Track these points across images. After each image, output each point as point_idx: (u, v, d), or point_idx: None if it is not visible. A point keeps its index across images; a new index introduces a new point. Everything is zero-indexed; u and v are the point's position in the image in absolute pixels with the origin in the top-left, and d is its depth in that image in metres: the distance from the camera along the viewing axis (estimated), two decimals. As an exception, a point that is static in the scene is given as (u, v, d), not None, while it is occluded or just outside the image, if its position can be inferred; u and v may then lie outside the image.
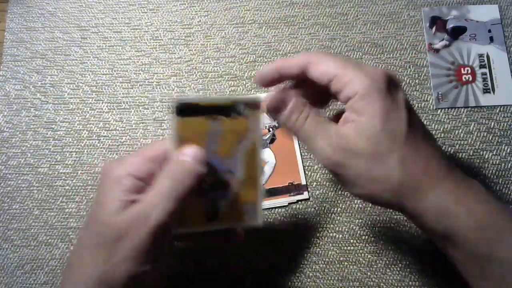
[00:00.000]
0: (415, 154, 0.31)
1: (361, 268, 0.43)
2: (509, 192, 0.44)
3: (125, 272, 0.29)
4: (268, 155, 0.45)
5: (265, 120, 0.45)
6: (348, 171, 0.31)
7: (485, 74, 0.48)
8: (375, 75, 0.31)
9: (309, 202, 0.44)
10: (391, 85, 0.31)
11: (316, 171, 0.45)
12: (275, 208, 0.44)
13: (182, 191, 0.31)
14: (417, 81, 0.48)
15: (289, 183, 0.44)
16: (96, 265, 0.29)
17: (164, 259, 0.32)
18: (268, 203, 0.44)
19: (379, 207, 0.44)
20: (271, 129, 0.46)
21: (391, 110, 0.30)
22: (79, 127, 0.48)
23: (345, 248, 0.43)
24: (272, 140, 0.46)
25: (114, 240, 0.29)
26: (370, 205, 0.44)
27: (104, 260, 0.29)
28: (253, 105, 0.34)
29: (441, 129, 0.46)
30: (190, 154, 0.32)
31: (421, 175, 0.30)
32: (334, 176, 0.33)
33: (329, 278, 0.42)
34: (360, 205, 0.44)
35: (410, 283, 0.42)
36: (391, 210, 0.44)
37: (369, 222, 0.44)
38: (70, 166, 0.46)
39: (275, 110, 0.33)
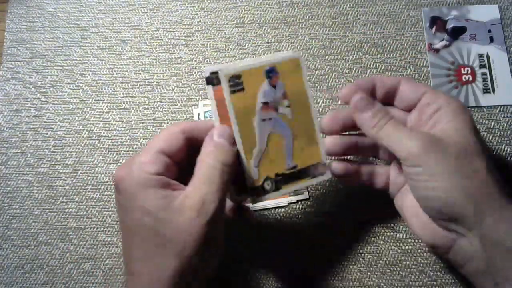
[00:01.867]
0: (493, 169, 0.33)
1: (361, 268, 0.43)
2: (509, 192, 0.44)
3: (197, 262, 0.30)
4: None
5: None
6: (433, 159, 0.32)
7: (485, 74, 0.48)
8: (456, 98, 0.38)
9: (309, 202, 0.44)
10: (466, 111, 0.35)
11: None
12: (275, 208, 0.44)
13: (229, 173, 0.32)
14: (417, 81, 0.48)
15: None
16: (170, 263, 0.29)
17: (221, 240, 0.33)
18: (268, 203, 0.44)
19: (380, 207, 0.44)
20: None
21: (475, 125, 0.34)
22: (79, 127, 0.48)
23: (346, 248, 0.43)
24: None
25: (181, 237, 0.30)
26: (370, 205, 0.44)
27: (176, 255, 0.29)
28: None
29: (441, 129, 0.46)
30: (222, 135, 0.33)
31: (496, 193, 0.32)
32: (409, 172, 0.34)
33: (329, 278, 0.42)
34: (360, 205, 0.44)
35: (410, 283, 0.42)
36: (391, 211, 0.44)
37: (369, 222, 0.44)
38: (70, 166, 0.46)
39: (360, 108, 0.36)
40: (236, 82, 0.33)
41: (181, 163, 0.33)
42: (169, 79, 0.49)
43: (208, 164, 0.32)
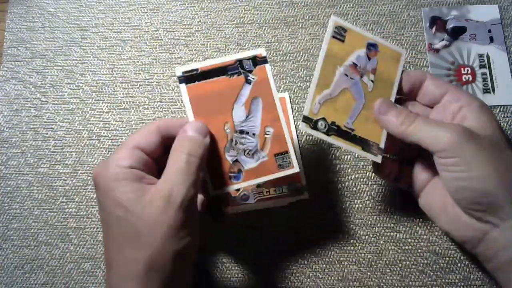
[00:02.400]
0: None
1: (361, 268, 0.43)
2: (509, 192, 0.44)
3: (170, 251, 0.30)
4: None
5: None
6: (468, 150, 0.33)
7: (485, 74, 0.48)
8: (478, 98, 0.37)
9: (309, 202, 0.44)
10: (488, 107, 0.37)
11: (316, 171, 0.45)
12: (275, 207, 0.44)
13: (197, 163, 0.32)
14: (417, 81, 0.48)
15: (289, 183, 0.44)
16: (142, 255, 0.30)
17: (197, 227, 0.33)
18: (268, 203, 0.44)
19: (380, 207, 0.44)
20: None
21: (498, 122, 0.36)
22: (79, 127, 0.48)
23: (345, 248, 0.43)
24: None
25: (150, 228, 0.30)
26: (370, 205, 0.44)
27: (147, 247, 0.30)
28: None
29: (441, 129, 0.46)
30: (194, 128, 0.34)
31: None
32: (444, 163, 0.34)
33: (329, 278, 0.42)
34: (360, 205, 0.44)
35: (410, 283, 0.42)
36: (391, 210, 0.44)
37: (369, 222, 0.44)
38: (70, 166, 0.46)
39: (383, 111, 0.37)
40: (340, 33, 0.37)
41: (158, 160, 0.34)
42: (169, 79, 0.49)
43: (177, 156, 0.32)
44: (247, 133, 0.36)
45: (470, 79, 0.48)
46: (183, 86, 0.35)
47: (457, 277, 0.42)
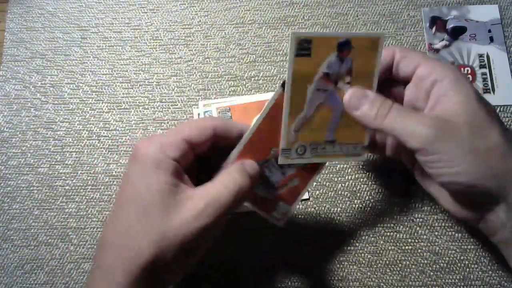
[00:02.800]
0: (509, 135, 0.32)
1: (361, 268, 0.43)
2: (509, 192, 0.44)
3: (172, 258, 0.29)
4: None
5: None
6: (448, 144, 0.31)
7: (485, 74, 0.48)
8: (453, 67, 0.34)
9: (309, 202, 0.44)
10: (466, 78, 0.34)
11: (316, 171, 0.45)
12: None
13: (237, 200, 0.31)
14: (417, 81, 0.48)
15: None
16: (146, 248, 0.29)
17: (202, 251, 0.33)
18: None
19: (380, 207, 0.44)
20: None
21: (478, 94, 0.33)
22: (79, 127, 0.48)
23: (345, 248, 0.43)
24: None
25: (166, 223, 0.29)
26: (370, 205, 0.44)
27: (154, 242, 0.29)
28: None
29: (441, 129, 0.46)
30: (251, 168, 0.33)
31: None
32: (425, 161, 0.33)
33: (329, 278, 0.42)
34: (360, 205, 0.44)
35: (410, 283, 0.42)
36: (391, 210, 0.44)
37: (369, 222, 0.44)
38: (70, 166, 0.46)
39: (354, 104, 0.34)
40: (304, 47, 0.33)
41: (200, 155, 0.33)
42: (169, 79, 0.49)
43: (227, 182, 0.31)
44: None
45: (470, 79, 0.48)
46: (280, 89, 0.34)
47: (457, 277, 0.42)
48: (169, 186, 0.30)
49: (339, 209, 0.44)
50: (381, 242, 0.43)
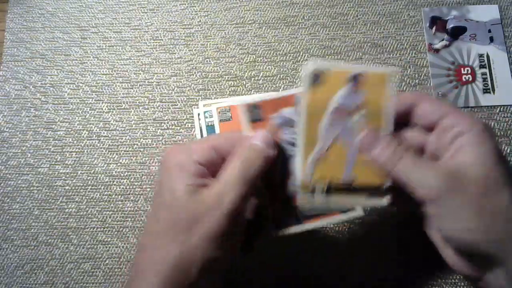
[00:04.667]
0: None
1: (361, 268, 0.43)
2: (509, 192, 0.44)
3: (201, 255, 0.30)
4: None
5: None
6: (456, 200, 0.30)
7: (485, 74, 0.48)
8: (480, 121, 0.33)
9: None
10: (493, 136, 0.32)
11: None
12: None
13: (254, 173, 0.32)
14: (417, 81, 0.48)
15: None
16: (173, 248, 0.30)
17: (234, 247, 0.33)
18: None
19: (379, 207, 0.44)
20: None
21: (500, 153, 0.32)
22: (79, 127, 0.48)
23: (345, 248, 0.43)
24: None
25: (190, 223, 0.30)
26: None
27: (181, 242, 0.30)
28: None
29: (441, 129, 0.46)
30: (259, 138, 0.33)
31: None
32: (431, 212, 0.31)
33: (329, 278, 0.42)
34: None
35: (410, 283, 0.42)
36: (391, 211, 0.44)
37: (369, 222, 0.44)
38: (70, 166, 0.46)
39: (368, 146, 0.33)
40: (317, 78, 0.33)
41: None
42: (169, 79, 0.49)
43: (234, 163, 0.32)
44: None
45: (470, 79, 0.48)
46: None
47: (457, 277, 0.42)
48: (189, 187, 0.31)
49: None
50: (381, 242, 0.43)
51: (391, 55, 0.49)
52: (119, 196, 0.45)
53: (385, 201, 0.34)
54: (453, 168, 0.31)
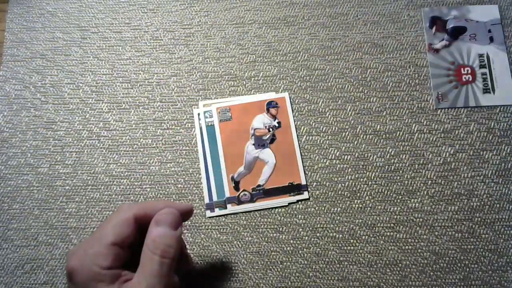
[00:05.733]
0: None
1: (361, 268, 0.43)
2: (509, 192, 0.44)
3: None
4: (268, 155, 0.45)
5: (265, 120, 0.46)
6: None
7: (485, 74, 0.48)
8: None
9: (309, 202, 0.44)
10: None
11: (316, 171, 0.45)
12: (275, 208, 0.44)
13: (168, 264, 0.32)
14: (417, 81, 0.48)
15: (289, 183, 0.44)
16: None
17: None
18: (268, 203, 0.44)
19: (380, 207, 0.44)
20: (271, 129, 0.46)
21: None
22: (79, 127, 0.48)
23: (345, 248, 0.43)
24: (272, 140, 0.46)
25: None
26: (370, 205, 0.44)
27: None
28: None
29: (441, 129, 0.46)
30: (165, 221, 0.34)
31: None
32: None
33: (329, 278, 0.42)
34: (360, 205, 0.44)
35: (410, 283, 0.42)
36: (390, 210, 0.44)
37: (369, 222, 0.44)
38: (70, 166, 0.46)
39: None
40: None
41: (133, 244, 0.34)
42: (169, 79, 0.49)
43: (150, 258, 0.32)
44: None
45: (470, 79, 0.48)
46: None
47: (457, 277, 0.42)
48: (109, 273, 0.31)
49: (339, 209, 0.44)
50: (381, 242, 0.43)
51: (391, 55, 0.49)
52: (119, 196, 0.45)
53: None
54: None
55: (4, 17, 0.52)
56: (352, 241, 0.43)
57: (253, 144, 0.44)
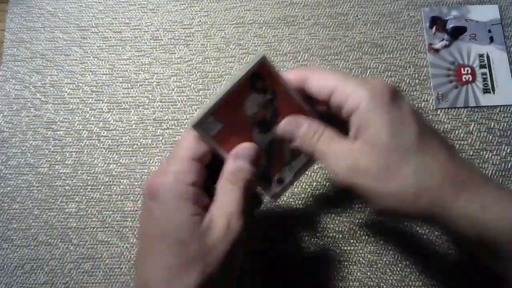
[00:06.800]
0: (429, 163, 0.29)
1: (361, 268, 0.43)
2: (509, 192, 0.44)
3: (213, 281, 0.29)
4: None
5: (256, 100, 0.42)
6: (361, 190, 0.30)
7: (485, 74, 0.48)
8: (378, 86, 0.31)
9: (309, 202, 0.44)
10: (395, 96, 0.31)
11: (316, 171, 0.45)
12: (270, 206, 0.44)
13: (246, 194, 0.31)
14: (417, 81, 0.48)
15: None
16: (192, 281, 0.29)
17: (241, 256, 0.33)
18: (303, 171, 0.41)
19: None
20: (268, 105, 0.43)
21: (399, 122, 0.30)
22: (79, 127, 0.48)
23: (345, 248, 0.43)
24: (276, 116, 0.44)
25: (202, 255, 0.29)
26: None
27: (197, 274, 0.29)
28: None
29: (441, 129, 0.46)
30: (243, 155, 0.32)
31: (439, 184, 0.29)
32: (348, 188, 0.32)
33: (329, 278, 0.42)
34: (360, 205, 0.44)
35: (410, 283, 0.42)
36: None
37: (369, 222, 0.44)
38: (70, 166, 0.46)
39: (289, 134, 0.33)
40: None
41: (210, 164, 0.33)
42: (169, 79, 0.49)
43: (230, 188, 0.31)
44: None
45: (470, 79, 0.48)
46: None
47: (457, 277, 0.42)
48: (194, 218, 0.30)
49: (339, 209, 0.44)
50: (381, 242, 0.43)
51: (391, 55, 0.49)
52: (119, 196, 0.45)
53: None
54: (349, 159, 0.31)
55: (4, 17, 0.52)
56: (352, 241, 0.43)
57: (260, 133, 0.36)
